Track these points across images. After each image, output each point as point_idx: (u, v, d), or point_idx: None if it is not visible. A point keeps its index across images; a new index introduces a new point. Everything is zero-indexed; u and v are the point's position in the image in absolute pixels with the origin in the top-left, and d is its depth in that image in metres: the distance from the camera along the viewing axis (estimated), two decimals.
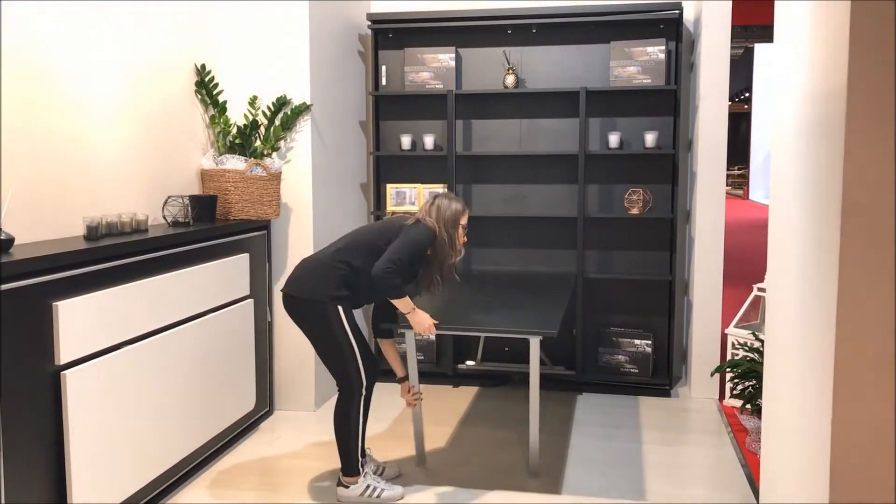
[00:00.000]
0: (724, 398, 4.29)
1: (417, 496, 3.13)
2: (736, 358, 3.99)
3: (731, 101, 11.75)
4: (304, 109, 3.92)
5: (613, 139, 4.42)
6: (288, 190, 4.02)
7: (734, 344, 4.23)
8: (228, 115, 3.86)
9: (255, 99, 3.90)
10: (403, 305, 2.98)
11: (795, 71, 2.15)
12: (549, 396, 4.35)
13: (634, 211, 4.44)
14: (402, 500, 3.09)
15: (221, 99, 3.86)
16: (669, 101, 4.42)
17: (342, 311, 2.95)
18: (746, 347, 3.93)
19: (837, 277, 1.64)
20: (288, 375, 4.12)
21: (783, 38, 2.35)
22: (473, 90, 4.59)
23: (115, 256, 2.75)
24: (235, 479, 3.31)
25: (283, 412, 4.12)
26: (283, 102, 3.91)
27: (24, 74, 2.73)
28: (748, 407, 3.75)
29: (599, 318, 4.61)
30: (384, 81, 4.73)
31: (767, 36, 12.52)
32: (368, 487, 3.06)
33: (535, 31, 4.55)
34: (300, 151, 4.01)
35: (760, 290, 4.32)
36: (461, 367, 4.59)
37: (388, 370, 4.36)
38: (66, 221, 2.92)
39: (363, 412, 3.04)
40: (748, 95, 19.81)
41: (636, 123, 4.50)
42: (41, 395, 2.42)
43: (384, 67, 4.72)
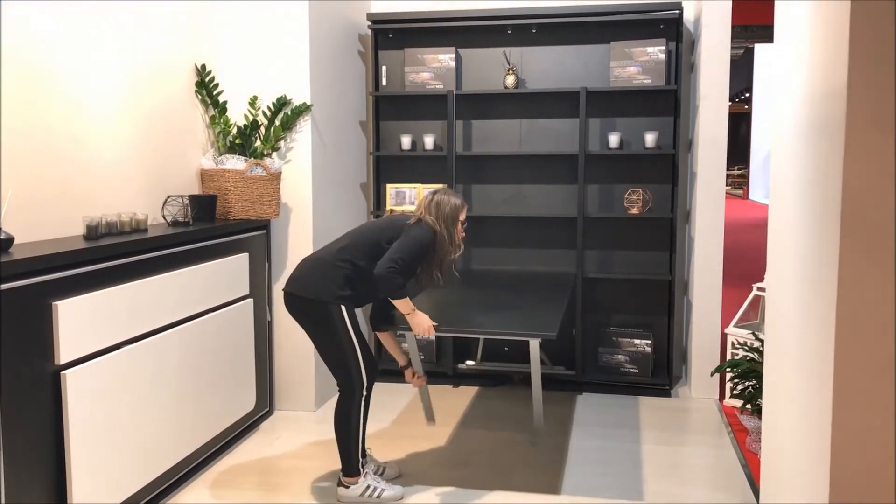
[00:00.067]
0: (724, 398, 4.29)
1: (417, 496, 3.13)
2: (736, 358, 3.99)
3: (731, 101, 11.75)
4: (304, 109, 3.93)
5: (613, 139, 4.42)
6: (288, 190, 4.02)
7: (734, 344, 4.23)
8: (228, 115, 3.86)
9: (255, 99, 3.90)
10: (404, 306, 2.98)
11: (795, 71, 2.15)
12: (549, 396, 4.35)
13: (634, 211, 4.44)
14: (402, 500, 3.09)
15: (221, 99, 3.87)
16: (669, 101, 4.42)
17: (345, 310, 2.95)
18: (746, 347, 3.93)
19: (837, 277, 1.64)
20: (288, 375, 4.12)
21: (783, 38, 2.35)
22: (473, 90, 4.59)
23: (114, 256, 2.75)
24: (235, 479, 3.31)
25: (283, 412, 4.12)
26: (283, 102, 3.91)
27: (24, 74, 2.73)
28: (748, 407, 3.75)
29: (599, 317, 4.61)
30: (384, 81, 4.73)
31: (767, 36, 12.53)
32: (368, 487, 3.06)
33: (535, 31, 4.55)
34: (300, 151, 4.01)
35: (760, 289, 4.32)
36: (461, 366, 4.59)
37: (387, 370, 4.38)
38: (65, 221, 2.92)
39: (363, 412, 3.04)
40: (748, 95, 19.83)
41: (636, 123, 4.50)
42: (41, 395, 2.42)
43: (384, 67, 4.72)
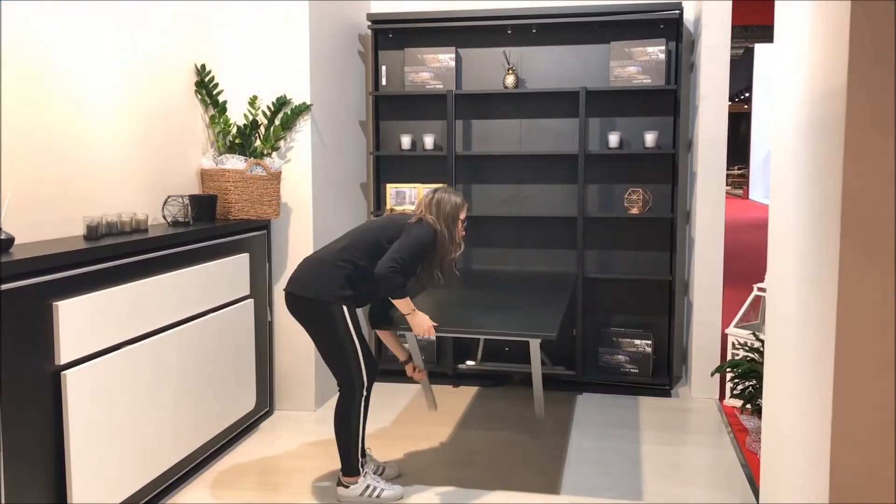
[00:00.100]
0: (724, 398, 4.29)
1: (417, 496, 3.13)
2: (736, 358, 3.99)
3: (731, 101, 11.75)
4: (304, 109, 3.93)
5: (613, 139, 4.42)
6: (288, 190, 4.02)
7: (734, 344, 4.23)
8: (228, 115, 3.86)
9: (255, 99, 3.90)
10: (404, 306, 2.97)
11: (795, 71, 2.15)
12: (549, 396, 4.35)
13: (634, 211, 4.43)
14: (401, 500, 3.09)
15: (221, 99, 3.87)
16: (669, 101, 4.42)
17: (347, 310, 2.95)
18: (746, 347, 3.93)
19: (837, 277, 1.64)
20: (288, 375, 4.12)
21: (783, 38, 2.35)
22: (473, 90, 4.59)
23: (114, 256, 2.75)
24: (235, 479, 3.31)
25: (283, 412, 4.11)
26: (283, 102, 3.91)
27: (24, 74, 2.73)
28: (748, 407, 3.75)
29: (599, 317, 4.61)
30: (384, 81, 4.73)
31: (767, 36, 12.52)
32: (368, 487, 3.06)
33: (535, 31, 4.55)
34: (300, 151, 4.01)
35: (760, 290, 4.32)
36: (461, 366, 4.59)
37: (387, 370, 4.38)
38: (65, 221, 2.92)
39: (363, 412, 3.04)
40: (748, 95, 19.82)
41: (636, 123, 4.50)
42: (41, 395, 2.42)
43: (384, 67, 4.72)
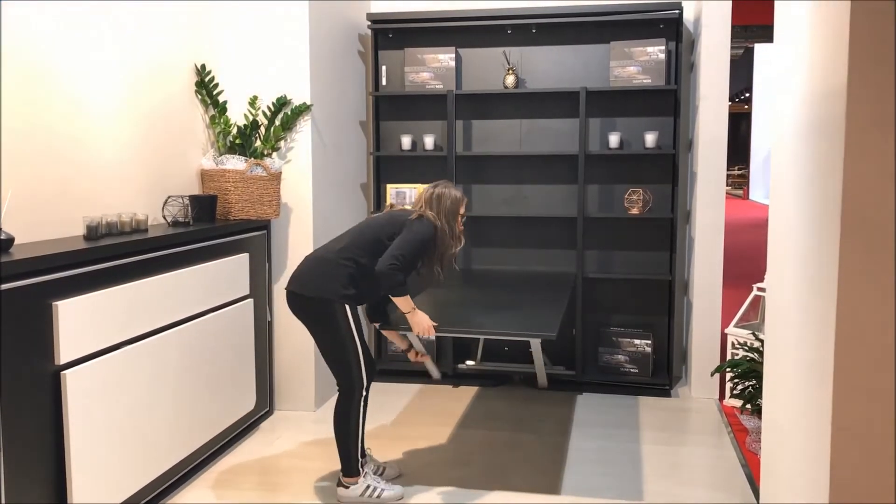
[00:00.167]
0: (724, 398, 4.29)
1: (417, 496, 3.13)
2: (736, 358, 3.99)
3: (731, 101, 11.75)
4: (304, 109, 3.92)
5: (613, 139, 4.42)
6: (288, 190, 4.02)
7: (734, 344, 4.23)
8: (228, 115, 3.86)
9: (255, 99, 3.90)
10: (404, 305, 2.97)
11: (795, 71, 2.15)
12: (549, 396, 4.36)
13: (634, 211, 4.43)
14: (402, 500, 3.09)
15: (221, 99, 3.87)
16: (669, 101, 4.42)
17: (349, 309, 2.95)
18: (746, 347, 3.93)
19: (837, 277, 1.64)
20: (288, 375, 4.12)
21: (783, 38, 2.35)
22: (473, 90, 4.59)
23: (114, 256, 2.75)
24: (236, 479, 3.31)
25: (283, 412, 4.11)
26: (283, 102, 3.91)
27: (24, 74, 2.73)
28: (748, 407, 3.75)
29: (599, 317, 4.61)
30: (384, 81, 4.73)
31: (767, 36, 12.52)
32: (368, 488, 3.06)
33: (534, 31, 4.55)
34: (300, 151, 4.01)
35: (760, 289, 4.32)
36: (461, 366, 4.59)
37: (387, 370, 4.38)
38: (65, 221, 2.92)
39: (362, 412, 3.04)
40: (748, 95, 19.82)
41: (636, 123, 4.50)
42: (41, 395, 2.42)
43: (384, 67, 4.72)
